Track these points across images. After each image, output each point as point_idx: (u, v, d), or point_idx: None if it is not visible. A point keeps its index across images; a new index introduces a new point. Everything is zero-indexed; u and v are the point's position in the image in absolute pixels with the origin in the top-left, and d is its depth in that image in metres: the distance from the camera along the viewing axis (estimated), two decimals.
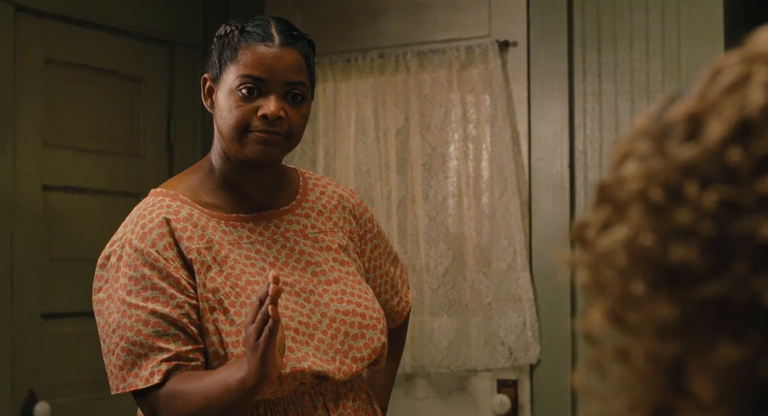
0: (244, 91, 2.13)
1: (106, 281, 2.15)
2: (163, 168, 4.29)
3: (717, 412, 0.69)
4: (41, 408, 3.67)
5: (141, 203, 2.22)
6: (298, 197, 2.32)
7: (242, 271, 2.16)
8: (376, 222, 2.46)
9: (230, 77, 2.15)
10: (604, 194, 0.77)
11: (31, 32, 3.79)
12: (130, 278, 2.10)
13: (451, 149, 4.11)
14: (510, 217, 3.94)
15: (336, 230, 2.32)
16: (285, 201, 2.30)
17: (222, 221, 2.19)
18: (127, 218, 2.21)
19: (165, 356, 2.05)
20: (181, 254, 2.12)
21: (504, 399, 3.97)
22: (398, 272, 2.50)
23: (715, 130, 0.71)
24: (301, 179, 2.37)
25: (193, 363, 2.07)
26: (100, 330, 2.15)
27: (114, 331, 2.09)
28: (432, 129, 4.14)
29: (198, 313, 2.10)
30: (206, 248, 2.14)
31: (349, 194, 2.40)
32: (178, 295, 2.08)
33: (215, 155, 2.23)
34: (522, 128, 4.02)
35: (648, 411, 0.74)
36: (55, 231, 3.84)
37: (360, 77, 4.23)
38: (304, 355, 2.12)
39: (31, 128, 3.76)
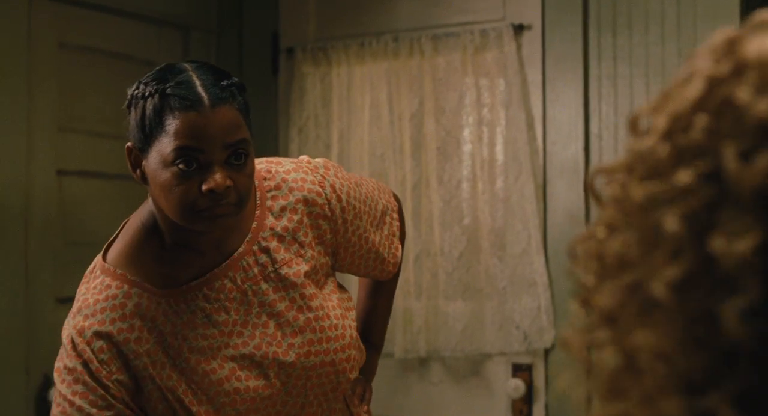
0: (181, 165, 1.89)
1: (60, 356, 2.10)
2: None
3: (659, 397, 0.71)
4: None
5: (90, 278, 2.11)
6: (255, 226, 2.11)
7: (197, 362, 2.04)
8: (355, 199, 2.22)
9: (161, 149, 1.91)
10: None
11: (45, 17, 3.79)
12: (65, 367, 2.03)
13: (466, 133, 4.10)
14: (524, 201, 3.93)
15: (302, 251, 2.13)
16: (240, 239, 2.10)
17: (172, 300, 2.05)
18: (78, 293, 2.12)
19: None
20: (124, 359, 2.02)
21: (519, 383, 3.97)
22: (384, 233, 2.30)
23: (657, 124, 0.74)
24: (258, 195, 2.14)
25: None
26: None
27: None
28: (446, 113, 4.13)
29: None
30: (157, 343, 2.03)
31: (316, 194, 2.15)
32: (108, 397, 2.00)
33: (160, 218, 2.04)
34: (537, 112, 4.00)
35: (604, 393, 0.76)
36: (70, 216, 3.84)
37: (374, 61, 4.22)
38: None
39: (46, 112, 3.76)
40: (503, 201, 4.00)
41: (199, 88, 1.91)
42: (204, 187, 1.89)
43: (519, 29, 4.04)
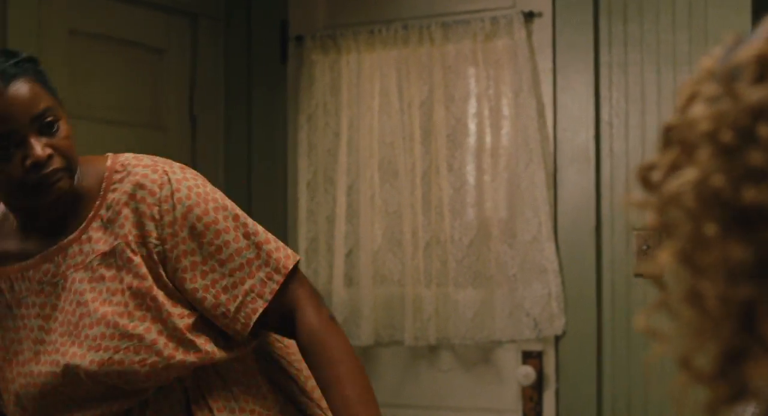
0: None
1: None
2: (185, 140, 4.29)
3: None
4: None
5: None
6: (91, 214, 2.04)
7: (11, 341, 2.06)
8: (199, 220, 2.03)
9: None
10: (671, 136, 0.77)
11: (55, 4, 3.78)
12: None
13: (476, 120, 4.09)
14: (535, 188, 3.92)
15: (116, 243, 2.02)
16: (77, 223, 2.05)
17: (8, 279, 2.07)
18: None
19: None
20: None
21: (529, 371, 3.97)
22: (245, 286, 2.05)
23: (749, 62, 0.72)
24: (103, 186, 2.06)
25: None
26: None
27: None
28: (456, 101, 4.12)
29: None
30: None
31: (148, 192, 2.02)
32: None
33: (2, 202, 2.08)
34: (547, 99, 3.99)
35: (717, 353, 0.74)
36: None
37: (384, 49, 4.21)
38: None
39: None
40: (513, 188, 3.99)
41: None
42: (27, 162, 1.90)
43: (529, 17, 4.02)
